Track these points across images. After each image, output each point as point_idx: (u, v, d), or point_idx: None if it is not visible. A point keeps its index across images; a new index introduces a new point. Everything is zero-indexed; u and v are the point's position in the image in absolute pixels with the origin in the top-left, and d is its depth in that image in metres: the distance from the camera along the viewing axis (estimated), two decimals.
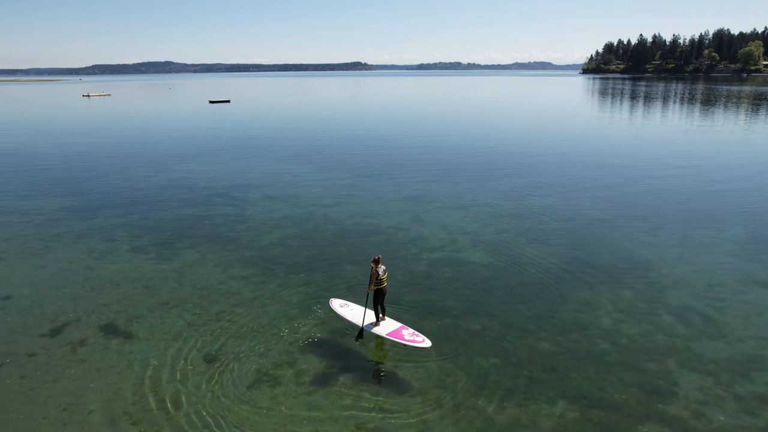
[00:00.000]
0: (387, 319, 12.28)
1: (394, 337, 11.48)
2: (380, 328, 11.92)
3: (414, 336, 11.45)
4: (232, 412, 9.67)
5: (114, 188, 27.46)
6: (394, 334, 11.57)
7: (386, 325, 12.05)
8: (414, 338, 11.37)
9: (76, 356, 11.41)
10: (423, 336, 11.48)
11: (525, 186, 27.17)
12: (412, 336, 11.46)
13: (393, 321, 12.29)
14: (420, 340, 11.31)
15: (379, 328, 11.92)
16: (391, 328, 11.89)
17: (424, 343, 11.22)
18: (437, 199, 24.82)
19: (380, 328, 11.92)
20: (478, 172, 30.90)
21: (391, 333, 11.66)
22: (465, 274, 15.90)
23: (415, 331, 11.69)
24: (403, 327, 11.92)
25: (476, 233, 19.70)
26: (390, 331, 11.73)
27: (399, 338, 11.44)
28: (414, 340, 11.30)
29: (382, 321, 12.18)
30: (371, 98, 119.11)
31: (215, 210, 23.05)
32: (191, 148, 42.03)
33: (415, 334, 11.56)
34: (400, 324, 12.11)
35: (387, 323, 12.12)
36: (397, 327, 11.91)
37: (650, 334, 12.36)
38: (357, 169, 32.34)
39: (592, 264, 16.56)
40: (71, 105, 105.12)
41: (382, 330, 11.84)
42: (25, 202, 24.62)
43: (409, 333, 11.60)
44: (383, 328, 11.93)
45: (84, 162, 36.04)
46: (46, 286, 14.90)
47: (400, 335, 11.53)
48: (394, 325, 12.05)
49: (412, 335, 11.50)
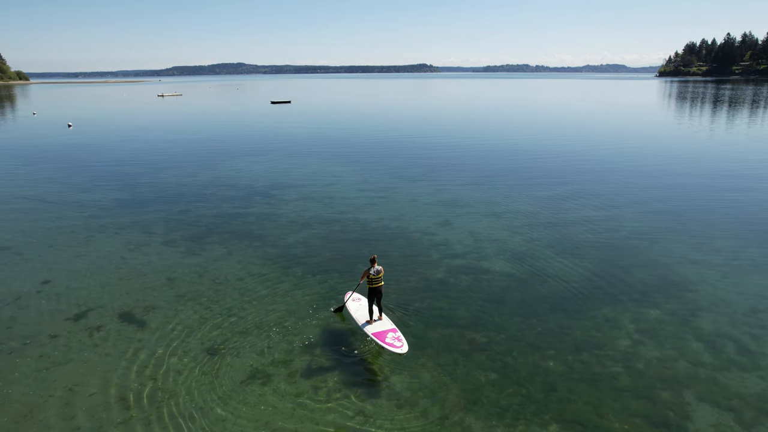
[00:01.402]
0: (384, 319, 12.33)
1: (377, 338, 11.55)
2: (371, 327, 12.01)
3: (395, 340, 11.40)
4: (218, 406, 9.90)
5: (163, 183, 29.06)
6: (379, 335, 11.62)
7: (378, 324, 12.11)
8: (394, 342, 11.32)
9: (91, 341, 12.14)
10: (404, 341, 11.37)
11: (568, 193, 25.94)
12: (393, 339, 11.43)
13: (387, 322, 12.34)
14: (399, 345, 11.22)
15: (370, 327, 12.02)
16: (380, 328, 11.96)
17: (400, 348, 11.12)
18: (471, 204, 24.24)
19: (371, 327, 12.01)
20: (521, 178, 29.88)
21: (377, 333, 11.73)
22: (482, 284, 15.40)
23: (400, 336, 11.61)
24: (392, 329, 11.90)
25: (504, 241, 19.02)
26: (376, 331, 11.81)
27: (380, 340, 11.47)
28: (392, 344, 11.23)
29: (378, 320, 12.23)
30: (429, 100, 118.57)
31: (251, 207, 23.79)
32: (243, 147, 43.70)
33: (398, 339, 11.47)
34: (392, 326, 12.09)
35: (380, 323, 12.16)
36: (387, 329, 11.92)
37: (671, 360, 11.37)
38: (398, 171, 32.25)
39: (621, 279, 15.51)
40: (146, 104, 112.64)
41: (371, 329, 11.93)
42: (84, 194, 26.59)
43: (393, 337, 11.55)
44: (374, 327, 12.04)
45: (143, 158, 38.43)
46: (82, 274, 15.99)
47: (383, 337, 11.55)
48: (385, 326, 12.09)
49: (393, 339, 11.45)
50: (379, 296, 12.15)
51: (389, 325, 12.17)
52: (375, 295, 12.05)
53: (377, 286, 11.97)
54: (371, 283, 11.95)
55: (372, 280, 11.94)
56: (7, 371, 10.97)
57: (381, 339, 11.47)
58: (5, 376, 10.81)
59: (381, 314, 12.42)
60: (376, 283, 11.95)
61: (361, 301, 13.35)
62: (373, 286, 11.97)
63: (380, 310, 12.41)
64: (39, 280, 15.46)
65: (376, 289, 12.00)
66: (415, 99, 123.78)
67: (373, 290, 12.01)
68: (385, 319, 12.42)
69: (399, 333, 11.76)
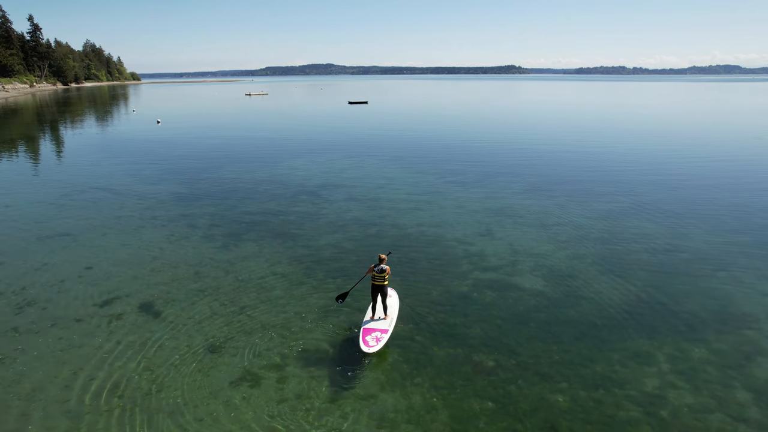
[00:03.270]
0: (386, 319, 12.45)
1: (362, 333, 11.76)
2: (369, 323, 12.24)
3: (373, 339, 11.53)
4: (201, 404, 9.92)
5: (221, 179, 30.39)
6: (366, 332, 11.85)
7: (376, 323, 12.26)
8: (369, 341, 11.46)
9: (108, 328, 12.76)
10: (379, 344, 11.38)
11: (632, 208, 23.62)
12: (372, 338, 11.55)
13: (385, 322, 12.34)
14: (371, 345, 11.31)
15: (367, 322, 12.30)
16: (373, 325, 12.14)
17: (368, 348, 11.22)
18: (521, 213, 22.82)
19: (369, 323, 12.24)
20: (583, 188, 27.73)
21: (365, 330, 11.93)
22: (507, 301, 14.30)
23: (380, 337, 11.64)
24: (382, 330, 11.94)
25: (544, 255, 17.63)
26: (366, 328, 12.04)
27: (363, 335, 11.68)
28: (366, 342, 11.40)
29: (380, 319, 12.43)
30: (509, 102, 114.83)
31: (295, 206, 24.13)
32: (307, 145, 44.74)
33: (377, 339, 11.55)
34: (385, 328, 12.08)
35: (378, 322, 12.32)
36: (378, 328, 12.02)
37: (706, 411, 9.75)
38: (454, 175, 31.29)
39: (668, 308, 13.70)
40: (232, 103, 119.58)
41: (366, 323, 12.24)
42: (149, 186, 28.50)
43: (374, 336, 11.64)
44: (370, 323, 12.25)
45: (212, 154, 40.55)
46: (121, 262, 16.98)
47: (367, 333, 11.77)
48: (380, 325, 12.17)
49: (373, 338, 11.58)
50: (383, 295, 12.35)
51: (384, 325, 12.16)
52: (375, 291, 12.29)
53: (378, 284, 12.24)
54: (372, 280, 12.30)
55: (374, 277, 12.24)
56: (29, 349, 11.80)
57: (363, 335, 11.69)
58: (26, 353, 11.63)
59: (386, 313, 12.47)
60: (377, 281, 12.23)
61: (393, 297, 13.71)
62: (374, 283, 12.29)
63: (385, 309, 12.47)
64: (84, 266, 16.63)
65: (377, 286, 12.26)
66: (494, 101, 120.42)
67: (373, 287, 12.31)
68: (388, 320, 12.39)
69: (386, 336, 11.72)
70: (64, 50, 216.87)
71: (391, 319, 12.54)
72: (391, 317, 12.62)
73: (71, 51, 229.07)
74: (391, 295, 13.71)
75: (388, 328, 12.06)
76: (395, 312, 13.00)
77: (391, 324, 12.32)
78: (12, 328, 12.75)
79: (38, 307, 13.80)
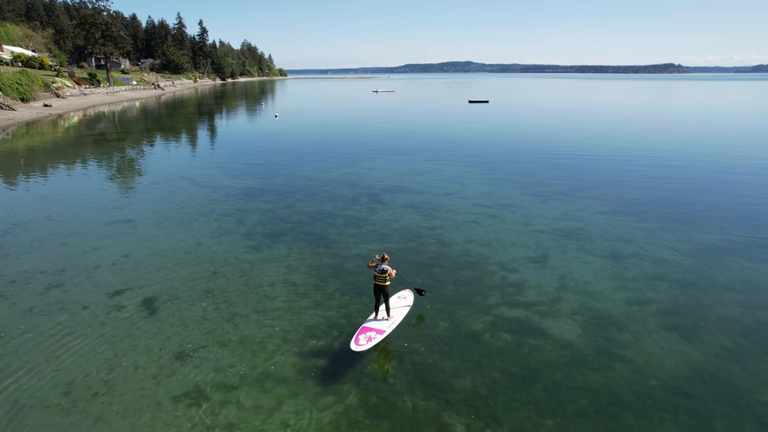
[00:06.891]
0: (387, 320, 12.43)
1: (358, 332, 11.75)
2: (370, 322, 12.29)
3: (366, 339, 11.45)
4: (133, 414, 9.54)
5: (295, 176, 30.84)
6: (362, 330, 11.86)
7: (376, 323, 12.24)
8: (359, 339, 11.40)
9: (105, 318, 13.16)
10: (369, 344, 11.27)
11: (744, 242, 18.70)
12: (365, 338, 11.47)
13: (384, 323, 12.26)
14: (361, 344, 11.22)
15: (369, 322, 12.32)
16: (372, 325, 12.12)
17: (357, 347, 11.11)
18: (593, 237, 19.39)
19: (370, 322, 12.29)
20: (686, 212, 22.85)
21: (363, 328, 11.96)
22: (522, 350, 11.90)
23: (373, 337, 11.55)
24: (378, 330, 11.87)
25: (596, 295, 14.56)
26: (365, 326, 12.05)
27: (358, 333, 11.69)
28: (357, 340, 11.34)
29: (382, 320, 12.42)
30: (650, 105, 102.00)
31: (348, 209, 23.38)
32: (398, 145, 43.82)
33: (369, 339, 11.45)
34: (383, 329, 11.97)
35: (380, 322, 12.30)
36: (375, 328, 11.94)
37: None
38: (537, 186, 28.05)
39: (746, 398, 10.17)
40: (358, 98, 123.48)
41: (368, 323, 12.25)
42: (226, 179, 29.94)
43: (366, 337, 11.52)
44: (372, 323, 12.26)
45: (301, 150, 41.62)
46: (156, 254, 17.69)
47: (364, 331, 11.80)
48: (379, 326, 12.12)
49: (366, 338, 11.47)
50: (385, 297, 12.29)
51: (383, 327, 12.09)
52: (377, 291, 12.27)
53: (379, 284, 12.19)
54: (374, 279, 12.31)
55: (375, 277, 12.25)
56: (32, 332, 12.57)
57: (359, 332, 11.73)
58: (26, 334, 12.40)
59: (388, 314, 12.47)
60: (378, 281, 12.19)
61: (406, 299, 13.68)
62: (375, 283, 12.27)
63: (387, 311, 12.47)
64: (122, 253, 17.65)
65: (378, 286, 12.23)
66: (631, 103, 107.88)
67: (375, 286, 12.30)
68: (389, 322, 12.36)
69: (379, 337, 11.64)
70: (225, 49, 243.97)
71: (393, 321, 12.44)
72: (394, 319, 12.53)
73: (231, 50, 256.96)
74: (405, 297, 13.72)
75: (385, 329, 12.00)
76: (401, 315, 12.83)
77: (390, 326, 12.23)
78: (29, 307, 13.79)
79: (62, 290, 14.82)
